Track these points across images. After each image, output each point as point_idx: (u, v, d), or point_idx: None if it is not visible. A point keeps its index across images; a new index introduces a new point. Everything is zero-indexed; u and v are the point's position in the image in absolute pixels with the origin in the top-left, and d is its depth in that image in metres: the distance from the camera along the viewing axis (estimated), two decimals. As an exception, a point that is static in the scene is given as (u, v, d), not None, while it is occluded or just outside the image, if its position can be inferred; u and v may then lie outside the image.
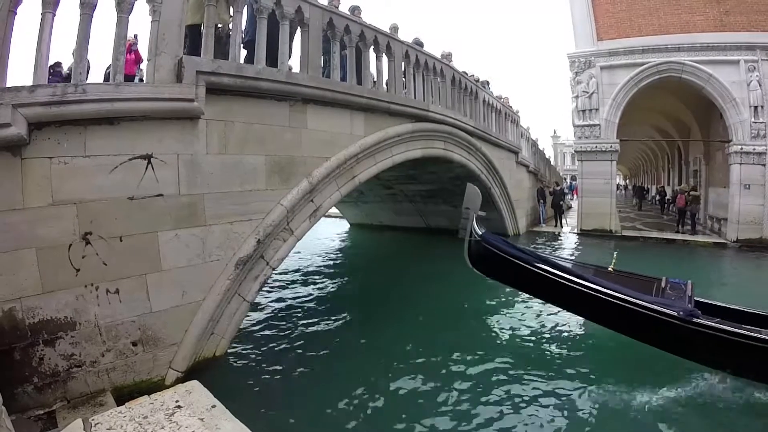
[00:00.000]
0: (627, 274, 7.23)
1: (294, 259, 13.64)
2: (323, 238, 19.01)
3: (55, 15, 4.79)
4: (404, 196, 18.74)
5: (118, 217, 5.01)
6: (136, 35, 8.73)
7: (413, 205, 19.43)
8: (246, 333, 7.54)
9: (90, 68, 7.93)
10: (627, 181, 63.05)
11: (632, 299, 6.03)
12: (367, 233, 21.57)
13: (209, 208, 5.92)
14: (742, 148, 16.73)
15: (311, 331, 7.84)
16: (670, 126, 26.12)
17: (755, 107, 16.62)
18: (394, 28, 9.83)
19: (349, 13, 8.63)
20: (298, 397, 5.55)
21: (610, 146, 18.88)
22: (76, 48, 4.93)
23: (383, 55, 9.54)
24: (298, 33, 7.64)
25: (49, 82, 4.91)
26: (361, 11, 9.07)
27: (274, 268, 6.92)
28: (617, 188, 29.45)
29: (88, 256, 4.79)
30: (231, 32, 6.62)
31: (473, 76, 14.91)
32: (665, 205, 28.29)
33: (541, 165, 25.24)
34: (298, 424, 4.97)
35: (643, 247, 16.83)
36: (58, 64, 8.24)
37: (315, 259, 14.70)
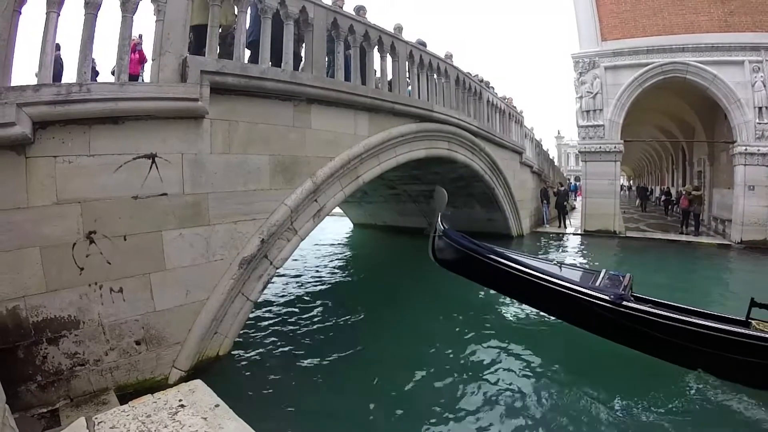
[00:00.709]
0: (570, 266, 8.12)
1: (297, 259, 13.65)
2: (327, 237, 19.01)
3: (59, 15, 4.79)
4: (408, 197, 18.72)
5: (122, 217, 5.02)
6: (141, 35, 8.74)
7: (416, 206, 19.41)
8: (249, 332, 7.54)
9: (98, 74, 8.02)
10: (631, 182, 62.96)
11: (571, 286, 6.69)
12: (371, 233, 21.58)
13: (213, 207, 5.92)
14: (746, 149, 16.68)
15: (315, 330, 7.84)
16: (675, 127, 26.07)
17: (760, 108, 16.58)
18: (399, 28, 9.82)
19: (353, 13, 8.63)
20: (301, 397, 5.55)
21: (614, 147, 18.85)
22: (81, 47, 4.93)
23: (387, 55, 9.54)
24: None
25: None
26: (366, 11, 9.07)
27: (277, 268, 6.91)
28: (621, 189, 29.37)
29: (92, 255, 4.79)
30: (235, 32, 6.61)
31: (477, 76, 14.89)
32: (669, 206, 28.21)
33: (544, 165, 25.21)
34: (301, 424, 4.98)
35: (647, 248, 16.78)
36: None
37: (318, 259, 14.71)
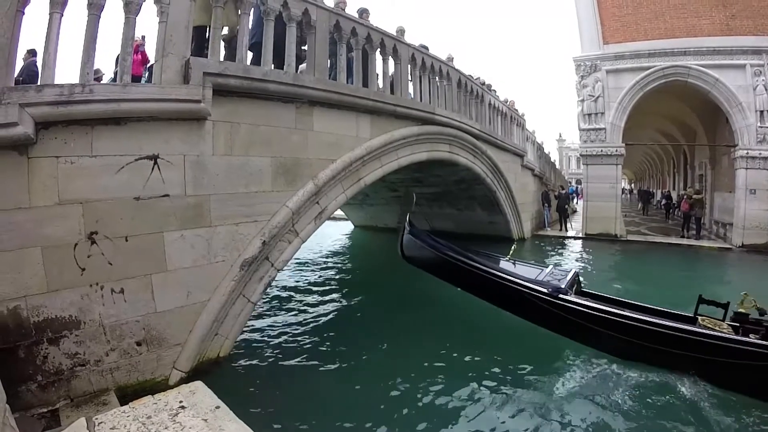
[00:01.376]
0: (523, 262, 8.64)
1: (299, 261, 13.66)
2: (328, 239, 19.01)
3: (62, 15, 4.80)
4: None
5: (124, 217, 5.02)
6: (144, 36, 8.75)
7: (418, 208, 19.37)
8: (250, 334, 7.54)
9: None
10: (632, 185, 62.96)
11: (515, 280, 7.15)
12: (372, 235, 21.57)
13: (215, 209, 5.92)
14: (748, 153, 16.67)
15: (315, 332, 7.83)
16: (676, 130, 26.05)
17: (761, 111, 16.57)
18: (401, 31, 9.82)
19: (356, 15, 8.64)
20: (302, 399, 5.54)
21: (616, 150, 18.84)
22: (84, 48, 4.94)
23: (390, 57, 9.55)
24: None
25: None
26: (368, 14, 9.08)
27: (278, 270, 6.91)
28: (622, 192, 29.33)
29: (94, 256, 4.79)
30: (238, 34, 6.62)
31: (479, 79, 14.89)
32: (671, 210, 28.15)
33: (546, 168, 25.19)
34: (302, 426, 4.96)
35: (648, 252, 16.78)
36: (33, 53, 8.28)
37: (320, 261, 14.70)
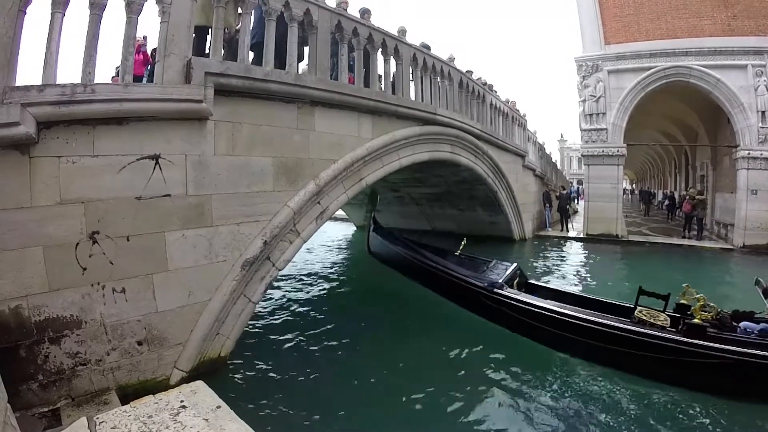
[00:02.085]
0: (467, 256, 9.28)
1: (300, 261, 13.66)
2: (329, 239, 19.01)
3: (64, 15, 4.81)
4: (410, 199, 18.74)
5: (126, 217, 5.03)
6: (145, 36, 8.76)
7: (419, 208, 19.43)
8: (251, 334, 7.54)
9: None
10: (633, 186, 62.93)
11: (456, 274, 7.82)
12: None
13: (216, 208, 5.93)
14: (749, 153, 16.65)
15: (316, 332, 7.83)
16: (678, 130, 26.02)
17: (763, 112, 16.55)
18: (402, 32, 9.82)
19: (358, 16, 8.64)
20: (302, 399, 5.55)
21: (617, 150, 18.82)
22: (86, 48, 4.94)
23: (391, 58, 9.56)
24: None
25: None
26: (370, 15, 9.08)
27: (280, 270, 6.91)
28: (624, 193, 29.27)
29: (95, 255, 4.80)
30: (239, 34, 6.63)
31: (480, 79, 14.89)
32: (673, 211, 28.02)
33: (547, 169, 25.17)
34: (302, 426, 4.97)
35: (650, 252, 16.77)
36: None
37: (321, 261, 14.71)
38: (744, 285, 11.63)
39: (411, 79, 10.40)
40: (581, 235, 19.74)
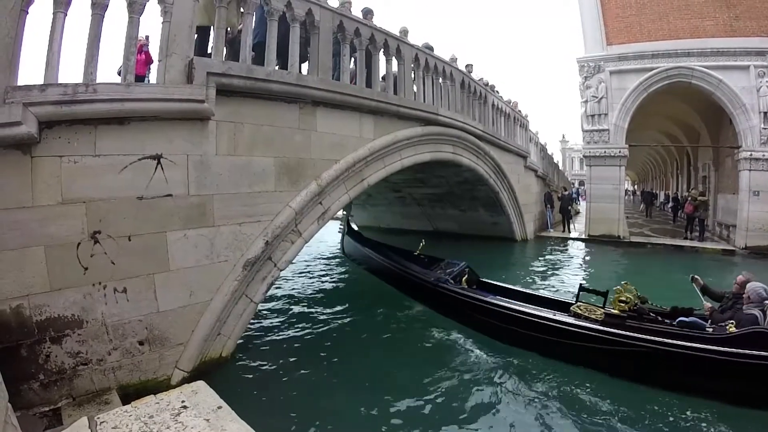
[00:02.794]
0: (426, 256, 10.31)
1: (301, 261, 13.66)
2: (331, 239, 18.99)
3: (66, 15, 4.81)
4: (412, 200, 18.75)
5: (127, 217, 5.03)
6: (147, 36, 8.75)
7: (421, 209, 19.43)
8: (252, 334, 7.54)
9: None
10: (635, 187, 62.85)
11: (411, 271, 9.02)
12: (374, 236, 21.50)
13: (218, 209, 5.93)
14: (751, 154, 16.60)
15: (317, 333, 7.83)
16: (680, 131, 25.97)
17: (765, 113, 16.47)
18: (404, 32, 9.82)
19: (360, 16, 8.63)
20: (303, 399, 5.54)
21: (619, 151, 18.78)
22: (88, 48, 4.95)
23: (393, 58, 9.56)
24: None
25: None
26: (373, 15, 9.09)
27: (281, 270, 6.92)
28: (625, 194, 29.17)
29: (97, 255, 4.80)
30: (241, 34, 6.63)
31: (482, 79, 14.89)
32: (678, 212, 27.72)
33: (549, 169, 25.16)
34: (303, 426, 4.96)
35: (652, 254, 16.75)
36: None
37: (322, 261, 14.70)
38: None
39: (413, 79, 10.40)
40: (583, 236, 19.71)
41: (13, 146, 4.25)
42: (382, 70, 9.45)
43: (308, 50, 7.70)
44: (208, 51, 6.66)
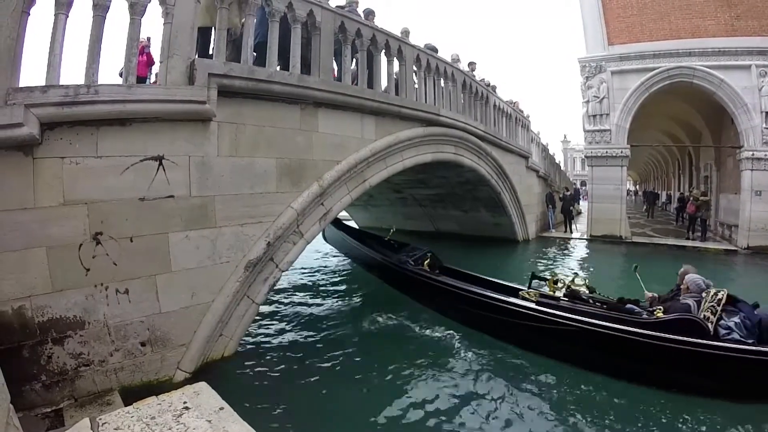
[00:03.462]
0: (395, 241, 11.62)
1: (302, 262, 13.65)
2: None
3: (68, 16, 4.82)
4: (414, 200, 18.72)
5: (129, 218, 5.03)
6: (149, 37, 8.77)
7: (422, 209, 19.41)
8: (254, 335, 7.53)
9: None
10: (637, 187, 62.77)
11: (378, 256, 9.99)
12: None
13: (220, 210, 5.93)
14: (753, 154, 16.59)
15: (319, 334, 7.81)
16: (681, 131, 25.93)
17: (767, 113, 16.47)
18: (405, 33, 9.82)
19: (360, 15, 8.63)
20: (305, 400, 5.53)
21: (621, 151, 18.78)
22: (89, 49, 4.95)
23: (394, 59, 9.56)
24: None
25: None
26: (374, 16, 9.08)
27: (283, 271, 6.92)
28: (627, 194, 29.04)
29: (99, 256, 4.81)
30: (243, 35, 6.63)
31: (484, 80, 14.88)
32: (682, 213, 27.40)
33: (551, 170, 25.11)
34: (305, 428, 4.96)
35: (654, 254, 16.68)
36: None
37: (323, 262, 14.69)
38: (746, 286, 11.66)
39: (414, 80, 10.40)
40: (585, 237, 19.70)
41: (14, 147, 4.26)
42: (384, 71, 9.45)
43: (309, 51, 7.71)
44: (210, 52, 6.66)
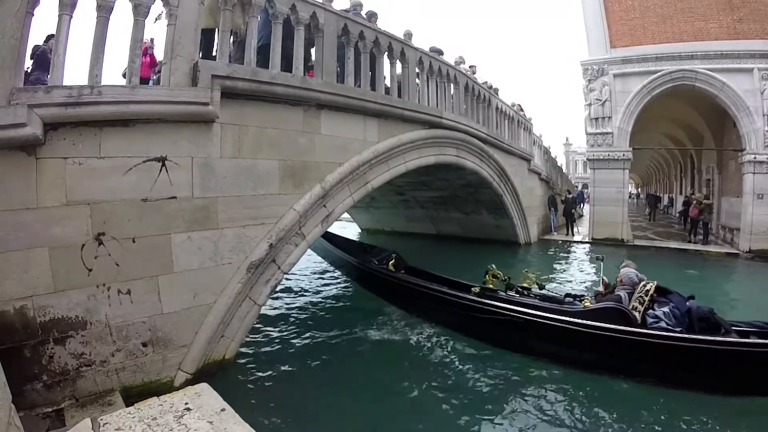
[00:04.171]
0: (365, 243, 13.13)
1: (304, 264, 13.65)
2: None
3: (72, 17, 4.83)
4: (416, 203, 18.74)
5: (132, 219, 5.04)
6: (152, 39, 8.78)
7: (425, 212, 19.42)
8: (255, 336, 7.53)
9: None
10: (639, 190, 62.72)
11: (349, 258, 10.61)
12: (378, 239, 21.51)
13: (222, 211, 5.93)
14: (755, 158, 16.56)
15: (321, 335, 7.82)
16: (683, 134, 25.93)
17: (769, 116, 16.45)
18: (408, 35, 9.82)
19: (364, 18, 8.63)
20: (307, 402, 5.54)
21: (623, 154, 18.77)
22: (93, 49, 4.96)
23: (397, 61, 9.57)
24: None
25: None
26: (377, 18, 9.08)
27: (285, 273, 6.91)
28: (629, 197, 28.95)
29: (101, 257, 4.81)
30: (246, 36, 6.64)
31: (486, 83, 14.89)
32: (686, 216, 27.04)
33: (553, 172, 25.11)
34: (306, 429, 4.96)
35: (655, 257, 16.65)
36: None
37: (325, 264, 14.69)
38: (747, 289, 11.68)
39: (417, 82, 10.41)
40: (586, 239, 19.69)
41: (18, 147, 4.26)
42: (387, 74, 9.45)
43: (311, 52, 7.72)
44: (213, 54, 6.67)
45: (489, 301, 7.16)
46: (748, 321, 6.32)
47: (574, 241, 19.88)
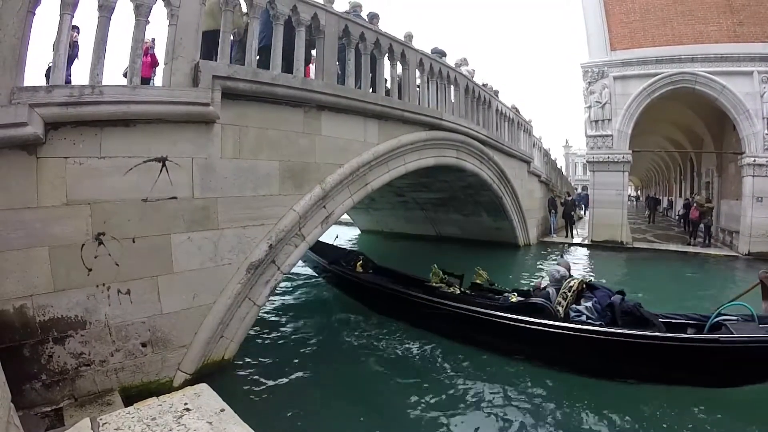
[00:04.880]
0: (338, 246, 12.37)
1: (304, 265, 13.65)
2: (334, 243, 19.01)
3: (73, 17, 4.84)
4: (415, 204, 18.74)
5: (132, 219, 5.04)
6: (154, 39, 8.79)
7: (424, 213, 19.41)
8: (255, 337, 7.53)
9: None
10: (638, 192, 62.75)
11: (322, 261, 10.66)
12: (378, 240, 21.53)
13: (222, 211, 5.93)
14: (755, 160, 16.57)
15: (320, 336, 7.83)
16: (683, 137, 25.93)
17: (769, 119, 16.47)
18: (409, 36, 9.83)
19: (365, 20, 8.64)
20: (306, 403, 5.53)
21: (623, 157, 18.76)
22: (94, 50, 4.97)
23: (398, 62, 9.58)
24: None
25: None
26: (378, 19, 9.09)
27: (285, 273, 6.91)
28: (629, 199, 28.94)
29: (101, 257, 4.81)
30: (246, 37, 6.64)
31: (486, 85, 14.89)
32: (687, 218, 26.85)
33: (552, 175, 25.13)
34: (306, 429, 4.96)
35: (654, 259, 16.67)
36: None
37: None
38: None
39: (417, 84, 10.41)
40: (586, 242, 19.70)
41: (18, 147, 4.26)
42: (387, 75, 9.46)
43: (312, 53, 7.73)
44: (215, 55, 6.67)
45: (434, 298, 7.72)
46: (686, 314, 6.59)
47: (574, 244, 19.90)
